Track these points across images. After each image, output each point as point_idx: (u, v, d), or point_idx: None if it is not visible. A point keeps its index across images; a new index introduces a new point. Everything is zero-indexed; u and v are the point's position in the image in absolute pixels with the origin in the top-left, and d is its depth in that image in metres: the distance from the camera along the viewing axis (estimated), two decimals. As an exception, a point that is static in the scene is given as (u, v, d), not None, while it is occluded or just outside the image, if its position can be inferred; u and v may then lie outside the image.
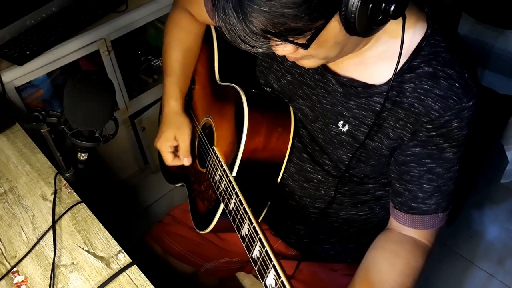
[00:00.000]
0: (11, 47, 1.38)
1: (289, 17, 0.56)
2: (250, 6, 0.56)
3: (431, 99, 0.72)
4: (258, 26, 0.58)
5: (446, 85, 0.71)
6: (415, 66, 0.73)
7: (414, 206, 0.82)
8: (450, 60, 0.72)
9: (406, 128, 0.76)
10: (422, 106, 0.73)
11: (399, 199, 0.84)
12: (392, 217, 0.87)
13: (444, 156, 0.77)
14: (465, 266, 1.74)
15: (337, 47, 0.66)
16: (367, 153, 0.82)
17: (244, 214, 0.78)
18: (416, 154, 0.78)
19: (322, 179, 0.91)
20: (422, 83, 0.72)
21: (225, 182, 0.87)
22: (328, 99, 0.83)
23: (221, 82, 1.00)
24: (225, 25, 0.60)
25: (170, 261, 1.14)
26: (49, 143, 0.96)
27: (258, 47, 0.61)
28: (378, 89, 0.76)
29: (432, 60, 0.72)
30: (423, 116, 0.73)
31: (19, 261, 0.90)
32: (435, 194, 0.80)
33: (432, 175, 0.79)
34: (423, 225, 0.83)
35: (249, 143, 0.85)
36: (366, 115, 0.79)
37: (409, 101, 0.74)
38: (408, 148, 0.78)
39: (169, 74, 1.06)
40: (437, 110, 0.72)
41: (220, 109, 0.98)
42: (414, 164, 0.79)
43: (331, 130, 0.84)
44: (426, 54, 0.73)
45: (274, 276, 0.66)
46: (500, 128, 1.54)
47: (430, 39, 0.73)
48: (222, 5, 0.59)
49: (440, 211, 0.82)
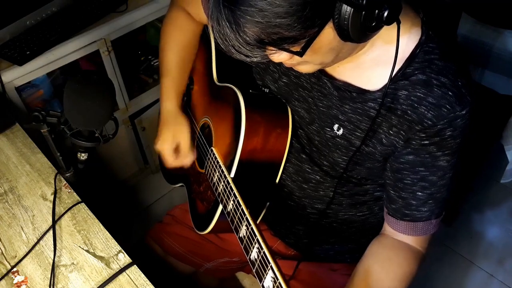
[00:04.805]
0: (11, 47, 1.38)
1: (282, 27, 0.56)
2: (243, 17, 0.57)
3: (424, 107, 0.72)
4: (252, 36, 0.58)
5: (440, 93, 0.71)
6: (409, 73, 0.73)
7: (408, 213, 0.82)
8: (444, 68, 0.72)
9: (399, 135, 0.76)
10: (415, 114, 0.73)
11: (393, 206, 0.84)
12: (386, 222, 0.88)
13: (438, 164, 0.77)
14: (465, 266, 1.74)
15: (333, 53, 0.66)
16: (362, 157, 0.83)
17: (242, 215, 0.78)
18: (410, 162, 0.78)
19: (321, 179, 0.91)
20: (416, 91, 0.72)
21: (223, 183, 0.87)
22: (324, 102, 0.83)
23: (219, 82, 1.00)
24: (220, 35, 0.60)
25: (170, 261, 1.14)
26: (49, 143, 0.96)
27: (252, 56, 0.61)
28: (373, 95, 0.76)
29: (426, 68, 0.72)
30: (416, 124, 0.73)
31: (19, 261, 0.90)
32: (428, 201, 0.81)
33: (425, 183, 0.79)
34: (416, 231, 0.83)
35: (247, 144, 0.85)
36: (361, 120, 0.79)
37: (402, 108, 0.74)
38: (402, 155, 0.78)
39: (166, 74, 1.06)
40: (430, 119, 0.72)
41: (218, 110, 0.98)
42: (408, 172, 0.79)
43: (327, 133, 0.84)
44: (420, 61, 0.72)
45: (272, 278, 0.67)
46: (500, 128, 1.54)
47: (425, 45, 0.72)
48: (216, 16, 0.59)
49: (433, 217, 0.83)
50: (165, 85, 1.06)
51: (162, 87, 1.06)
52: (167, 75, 1.06)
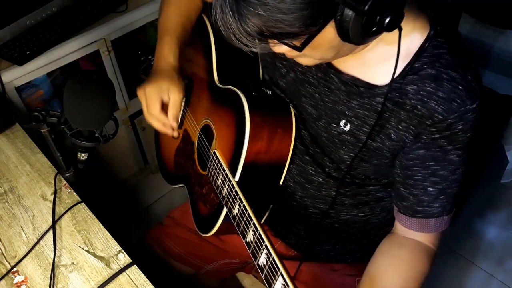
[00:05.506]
0: (11, 47, 1.38)
1: (284, 22, 0.57)
2: (246, 8, 0.58)
3: (434, 102, 0.72)
4: (253, 28, 0.59)
5: (450, 87, 0.71)
6: (418, 67, 0.73)
7: (420, 210, 0.82)
8: (453, 62, 0.72)
9: (409, 130, 0.76)
10: (425, 109, 0.72)
11: (404, 203, 0.83)
12: (397, 221, 0.87)
13: (448, 158, 0.77)
14: (465, 266, 1.74)
15: (333, 50, 0.67)
16: (369, 152, 0.82)
17: (249, 220, 0.78)
18: (420, 156, 0.77)
19: (323, 181, 0.91)
20: (425, 85, 0.72)
21: (227, 186, 0.86)
22: (331, 97, 0.83)
23: (221, 84, 1.00)
24: (222, 22, 0.61)
25: (170, 262, 1.14)
26: (49, 143, 0.96)
27: (252, 47, 0.62)
28: (380, 90, 0.76)
29: (435, 62, 0.72)
30: (427, 119, 0.73)
31: (19, 261, 0.90)
32: (440, 197, 0.80)
33: (436, 178, 0.78)
34: (429, 228, 0.83)
35: (252, 148, 0.85)
36: (369, 115, 0.79)
37: (411, 103, 0.74)
38: (412, 151, 0.78)
39: (168, 33, 0.99)
40: (441, 113, 0.71)
41: (220, 112, 0.98)
42: (418, 168, 0.78)
43: (333, 129, 0.84)
44: (429, 55, 0.73)
45: (282, 284, 0.66)
46: (500, 128, 1.54)
47: (433, 40, 0.73)
48: (220, 3, 0.60)
49: (445, 214, 0.82)
50: (167, 42, 0.99)
51: (163, 44, 0.99)
52: (170, 34, 0.99)
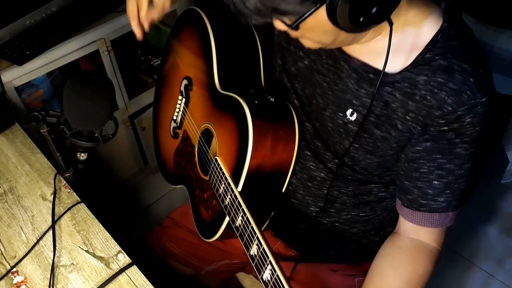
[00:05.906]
0: (11, 47, 1.38)
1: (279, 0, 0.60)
2: None
3: (444, 93, 0.71)
4: (251, 1, 0.61)
5: (461, 79, 0.70)
6: (430, 58, 0.73)
7: (424, 203, 0.81)
8: (466, 55, 0.72)
9: (417, 121, 0.75)
10: (435, 99, 0.72)
11: (408, 196, 0.83)
12: (400, 216, 0.87)
13: (455, 152, 0.76)
14: (465, 266, 1.74)
15: (328, 35, 0.67)
16: (374, 143, 0.82)
17: (253, 234, 0.77)
18: (427, 149, 0.77)
19: (325, 177, 0.91)
20: (436, 76, 0.72)
21: (230, 196, 0.85)
22: (340, 85, 0.82)
23: (222, 90, 0.98)
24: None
25: (170, 263, 1.14)
26: (48, 143, 0.96)
27: (249, 17, 0.64)
28: (390, 78, 0.75)
29: (447, 53, 0.72)
30: (436, 110, 0.72)
31: (19, 261, 0.90)
32: (445, 191, 0.79)
33: (442, 171, 0.78)
34: (433, 223, 0.82)
35: (254, 157, 0.84)
36: (376, 105, 0.78)
37: (421, 94, 0.73)
38: (419, 143, 0.77)
39: None
40: (451, 104, 0.71)
41: (221, 118, 0.96)
42: (424, 160, 0.78)
43: (339, 118, 0.83)
44: (441, 46, 0.72)
45: None
46: (500, 128, 1.54)
47: (446, 32, 0.73)
48: None
49: (450, 209, 0.81)
50: None
51: None
52: None
